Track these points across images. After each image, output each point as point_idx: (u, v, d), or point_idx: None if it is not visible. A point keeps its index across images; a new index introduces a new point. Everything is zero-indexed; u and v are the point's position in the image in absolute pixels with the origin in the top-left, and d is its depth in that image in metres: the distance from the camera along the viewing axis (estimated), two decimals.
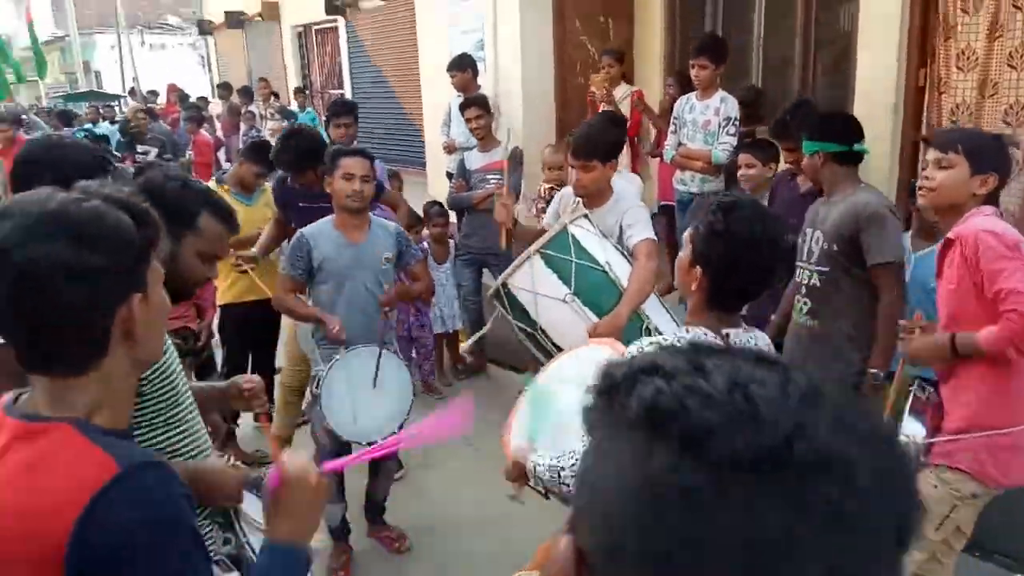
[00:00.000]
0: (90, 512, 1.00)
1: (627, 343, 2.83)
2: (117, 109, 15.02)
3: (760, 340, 1.87)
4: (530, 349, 3.20)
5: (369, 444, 3.06)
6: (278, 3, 14.39)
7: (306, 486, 1.23)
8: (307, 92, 12.01)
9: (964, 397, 2.34)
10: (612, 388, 0.56)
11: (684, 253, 1.84)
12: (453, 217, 5.64)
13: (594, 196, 3.28)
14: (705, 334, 1.76)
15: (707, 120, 4.69)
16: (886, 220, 2.94)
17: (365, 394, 3.33)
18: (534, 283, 2.95)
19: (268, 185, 5.02)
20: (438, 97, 6.71)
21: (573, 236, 2.99)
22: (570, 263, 2.91)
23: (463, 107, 5.28)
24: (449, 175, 6.10)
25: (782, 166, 4.02)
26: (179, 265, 1.82)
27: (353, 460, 1.95)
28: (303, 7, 13.36)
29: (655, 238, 3.16)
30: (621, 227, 3.20)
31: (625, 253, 3.14)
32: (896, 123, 4.45)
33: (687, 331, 1.79)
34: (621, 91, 5.83)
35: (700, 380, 0.52)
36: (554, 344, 2.98)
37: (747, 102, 5.06)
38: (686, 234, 1.86)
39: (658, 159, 5.57)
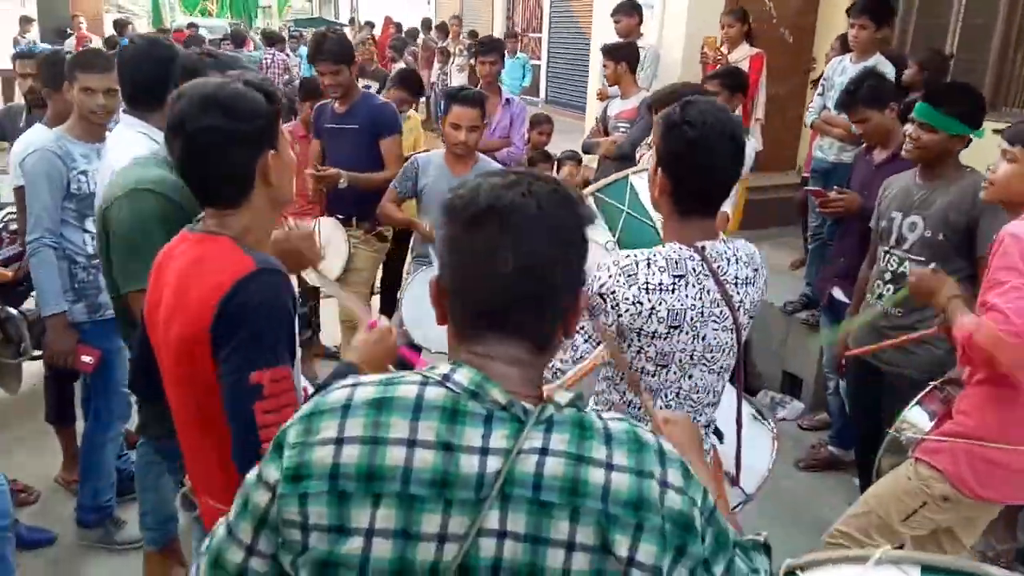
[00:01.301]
0: (231, 293, 1.44)
1: None
2: None
3: (742, 249, 1.85)
4: None
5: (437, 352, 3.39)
6: None
7: (386, 341, 1.66)
8: (519, 37, 11.79)
9: (965, 404, 2.24)
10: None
11: (652, 160, 1.82)
12: (592, 162, 5.66)
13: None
14: (680, 249, 1.76)
15: None
16: (999, 209, 2.65)
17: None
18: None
19: (413, 113, 5.33)
20: (604, 42, 6.64)
21: (632, 186, 2.90)
22: (621, 211, 2.83)
23: (605, 54, 5.22)
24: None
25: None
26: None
27: (422, 362, 2.15)
28: None
29: (727, 213, 3.03)
30: None
31: None
32: None
33: (675, 246, 1.77)
34: (740, 52, 5.50)
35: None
36: None
37: (930, 67, 4.57)
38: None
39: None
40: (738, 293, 1.81)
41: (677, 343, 1.78)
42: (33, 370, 3.56)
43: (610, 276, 1.75)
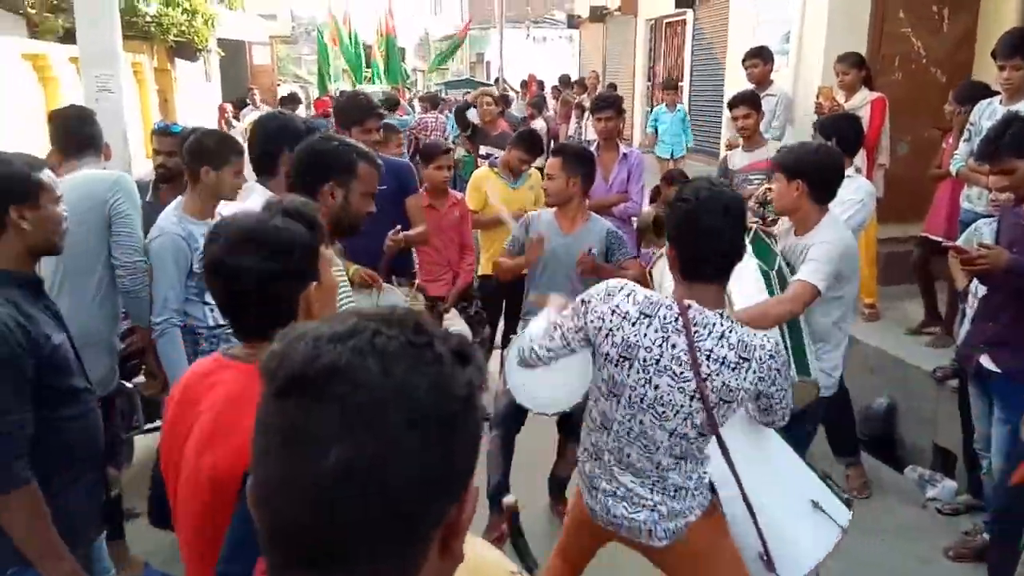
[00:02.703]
0: None
1: None
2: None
3: (740, 335, 1.93)
4: None
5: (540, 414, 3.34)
6: None
7: None
8: (678, 88, 10.86)
9: None
10: None
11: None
12: None
13: (793, 218, 3.11)
14: (665, 298, 1.98)
15: None
16: None
17: (547, 367, 3.52)
18: (662, 275, 2.97)
19: (534, 171, 5.39)
20: (737, 90, 6.47)
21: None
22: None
23: (731, 104, 5.06)
24: None
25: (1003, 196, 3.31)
26: (350, 204, 2.28)
27: None
28: (657, 0, 13.62)
29: (817, 286, 2.82)
30: (804, 257, 2.98)
31: (778, 284, 2.94)
32: None
33: (662, 296, 2.02)
34: (858, 98, 5.13)
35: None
36: None
37: None
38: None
39: (939, 178, 4.75)
40: (709, 367, 1.90)
41: (628, 377, 1.96)
42: (144, 443, 3.60)
43: (595, 288, 2.06)
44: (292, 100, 13.84)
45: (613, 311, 1.97)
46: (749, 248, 2.85)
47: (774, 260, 2.95)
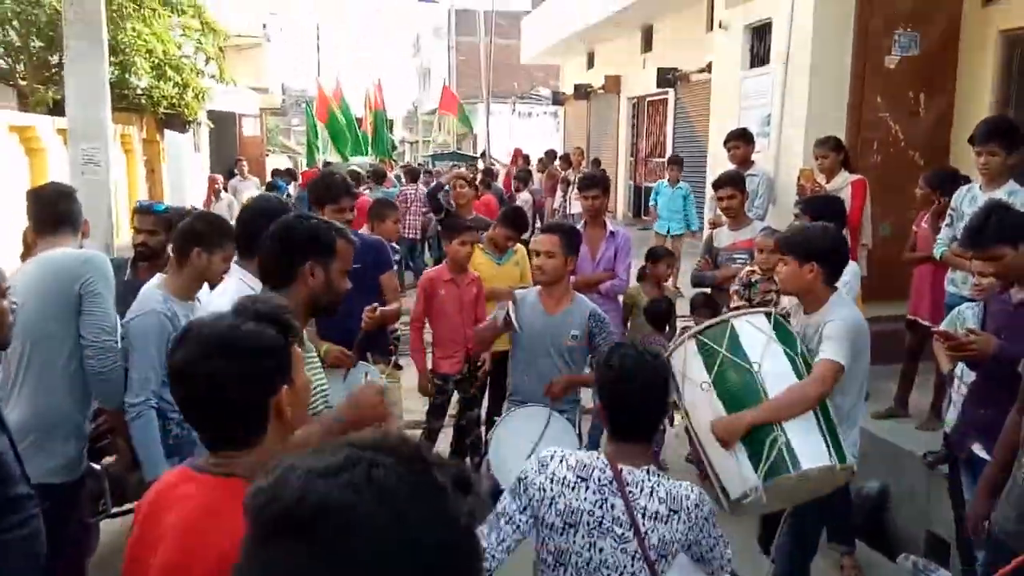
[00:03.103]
0: None
1: (750, 449, 2.71)
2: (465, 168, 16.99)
3: (668, 488, 1.99)
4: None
5: None
6: (619, 77, 15.26)
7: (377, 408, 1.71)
8: (680, 163, 10.05)
9: None
10: None
11: None
12: None
13: (803, 298, 3.14)
14: (597, 459, 2.04)
15: None
16: None
17: (527, 450, 3.43)
18: (684, 364, 2.91)
19: (520, 246, 5.39)
20: (719, 170, 6.57)
21: (733, 329, 2.89)
22: (719, 354, 2.83)
23: (716, 185, 5.12)
24: None
25: (985, 281, 3.35)
26: (331, 283, 2.25)
27: None
28: (640, 80, 14.03)
29: (841, 363, 2.83)
30: (820, 338, 2.98)
31: (803, 366, 2.90)
32: None
33: (596, 455, 2.06)
34: (839, 180, 5.24)
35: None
36: (692, 426, 2.92)
37: None
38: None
39: (914, 261, 4.81)
40: (645, 524, 1.96)
41: (574, 543, 1.98)
42: (112, 527, 3.45)
43: (529, 464, 2.09)
44: (287, 174, 13.91)
45: (551, 479, 2.02)
46: (773, 335, 2.89)
47: (797, 344, 2.93)
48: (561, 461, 2.05)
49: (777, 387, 2.75)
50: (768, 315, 3.02)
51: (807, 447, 2.65)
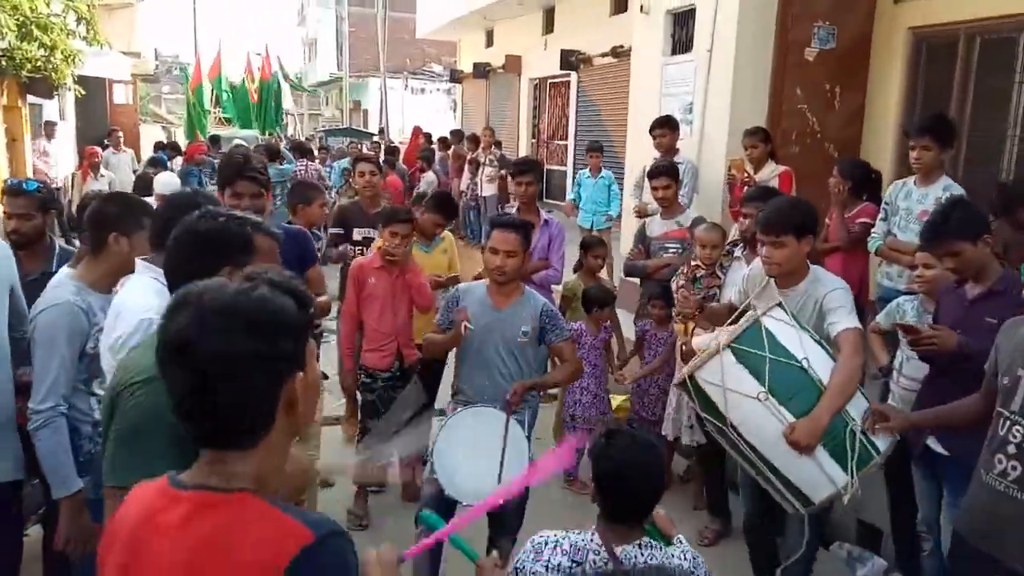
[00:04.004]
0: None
1: (831, 446, 2.64)
2: (365, 146, 16.41)
3: (658, 557, 2.01)
4: (721, 444, 2.96)
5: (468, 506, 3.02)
6: (520, 58, 15.06)
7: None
8: (601, 151, 8.80)
9: None
10: None
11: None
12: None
13: (787, 275, 3.11)
14: (591, 542, 2.04)
15: (924, 210, 4.04)
16: None
17: (479, 457, 3.22)
18: (724, 378, 2.73)
19: (447, 233, 5.12)
20: (640, 157, 6.52)
21: (767, 329, 2.76)
22: (764, 359, 2.69)
23: (652, 174, 5.03)
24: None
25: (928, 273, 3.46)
26: None
27: (429, 544, 1.78)
28: (541, 62, 13.88)
29: (860, 327, 2.88)
30: (821, 311, 3.00)
31: (823, 342, 2.88)
32: None
33: (588, 536, 2.06)
34: (767, 171, 5.37)
35: None
36: (747, 443, 2.75)
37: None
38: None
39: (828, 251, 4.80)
40: None
41: None
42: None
43: (524, 551, 2.09)
44: (172, 148, 12.89)
45: (547, 568, 2.03)
46: (797, 323, 2.83)
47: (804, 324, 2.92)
48: (555, 547, 2.06)
49: (825, 374, 2.71)
50: (779, 304, 2.94)
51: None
